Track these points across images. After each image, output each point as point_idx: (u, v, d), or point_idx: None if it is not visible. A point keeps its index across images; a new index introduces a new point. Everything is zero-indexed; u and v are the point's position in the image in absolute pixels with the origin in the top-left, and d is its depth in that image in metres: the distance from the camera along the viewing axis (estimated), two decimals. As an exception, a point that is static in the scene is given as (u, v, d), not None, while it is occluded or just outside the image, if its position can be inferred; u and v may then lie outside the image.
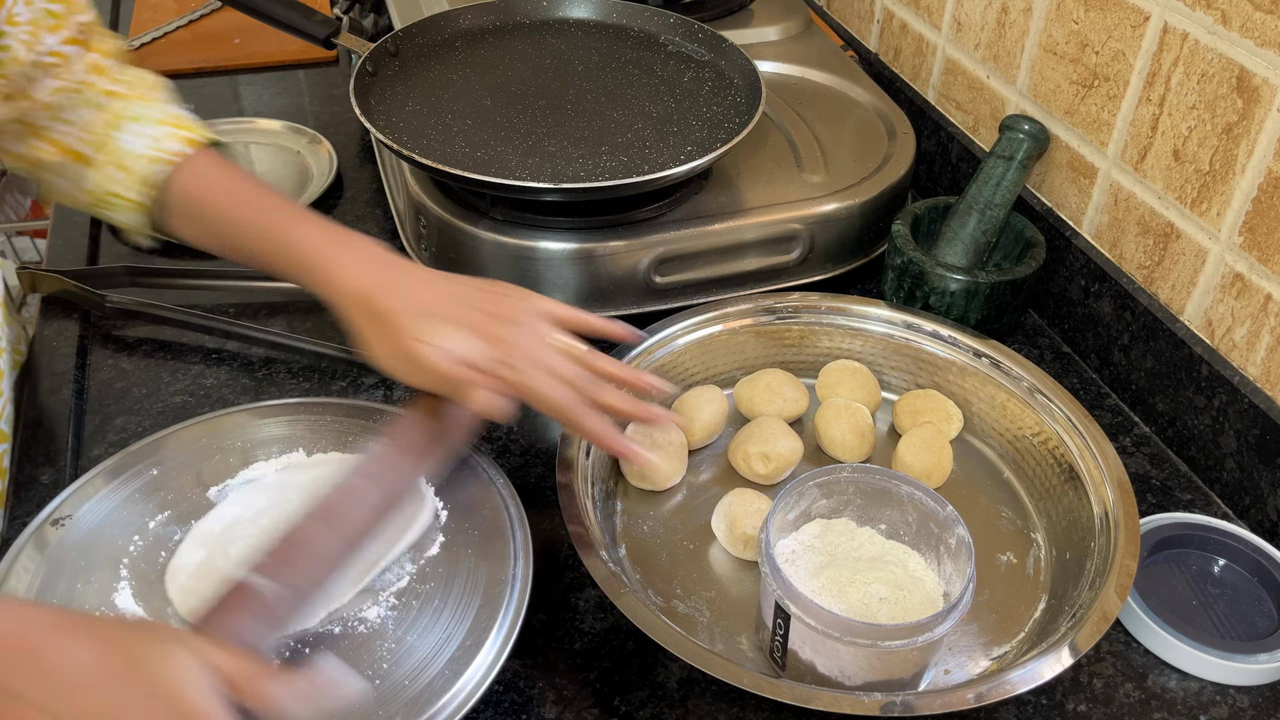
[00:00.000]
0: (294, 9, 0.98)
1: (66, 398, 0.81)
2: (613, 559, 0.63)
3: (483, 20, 1.00)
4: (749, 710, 0.62)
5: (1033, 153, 0.86)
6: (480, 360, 0.61)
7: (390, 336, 0.62)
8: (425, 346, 0.61)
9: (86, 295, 0.88)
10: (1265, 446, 0.71)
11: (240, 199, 0.69)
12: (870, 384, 0.80)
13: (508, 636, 0.59)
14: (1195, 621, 0.67)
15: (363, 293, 0.63)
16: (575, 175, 0.82)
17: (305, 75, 1.27)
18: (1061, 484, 0.72)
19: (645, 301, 0.87)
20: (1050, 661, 0.58)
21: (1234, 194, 0.72)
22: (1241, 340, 0.74)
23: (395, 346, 0.62)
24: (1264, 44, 0.68)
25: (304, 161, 1.10)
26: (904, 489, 0.64)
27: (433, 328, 0.61)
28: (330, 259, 0.64)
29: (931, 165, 1.05)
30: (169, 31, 1.33)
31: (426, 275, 0.65)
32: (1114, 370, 0.85)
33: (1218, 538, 0.71)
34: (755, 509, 0.70)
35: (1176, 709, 0.63)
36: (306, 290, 0.66)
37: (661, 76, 0.94)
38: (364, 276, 0.63)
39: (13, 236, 2.27)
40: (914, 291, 0.85)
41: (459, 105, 0.89)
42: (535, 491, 0.75)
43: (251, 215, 0.68)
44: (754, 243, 0.87)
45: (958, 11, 0.98)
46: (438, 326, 0.61)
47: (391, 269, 0.64)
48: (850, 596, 0.62)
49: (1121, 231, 0.83)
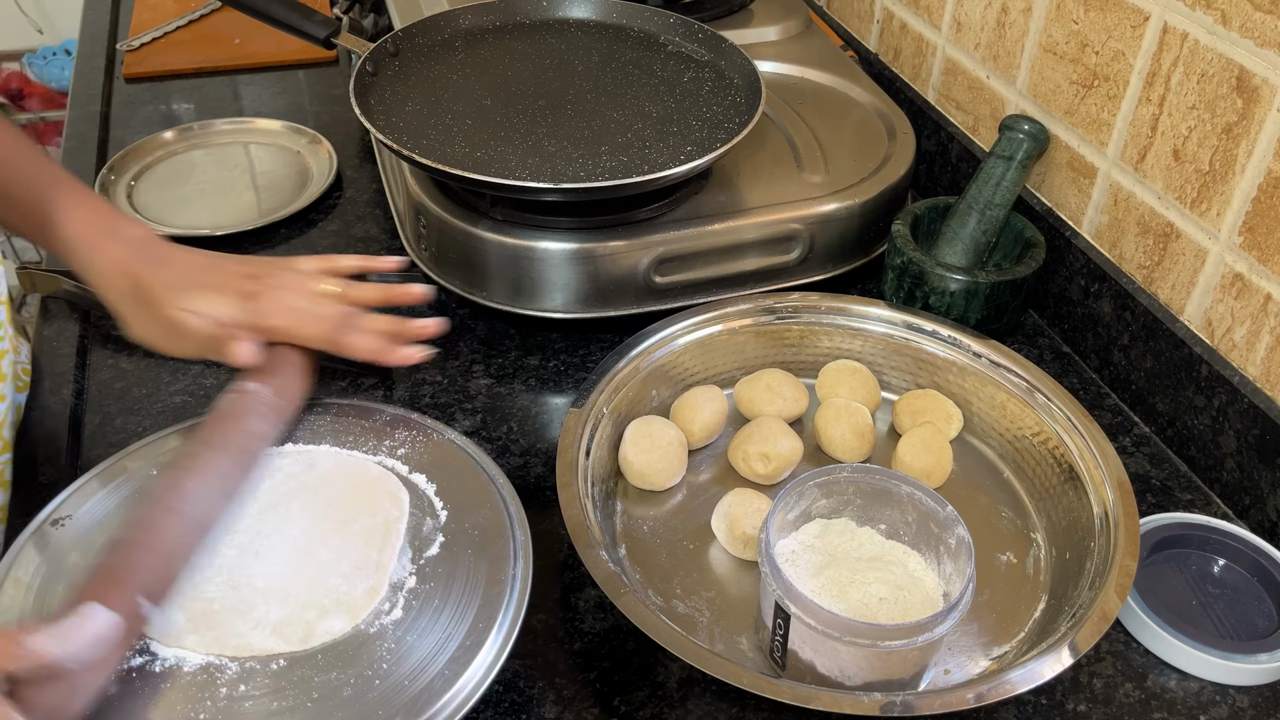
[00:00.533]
0: (294, 9, 0.98)
1: (66, 398, 0.81)
2: (613, 559, 0.63)
3: (483, 20, 1.00)
4: (749, 710, 0.62)
5: (1033, 153, 0.86)
6: (238, 316, 0.64)
7: (151, 311, 0.64)
8: (183, 314, 0.63)
9: (86, 295, 0.88)
10: (1265, 446, 0.71)
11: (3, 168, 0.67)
12: (870, 384, 0.80)
13: (508, 636, 0.59)
14: (1195, 621, 0.67)
15: (123, 275, 0.64)
16: (575, 175, 0.82)
17: (305, 75, 1.27)
18: (1061, 484, 0.72)
19: (645, 301, 0.87)
20: (1050, 661, 0.58)
21: (1234, 194, 0.72)
22: (1241, 340, 0.74)
23: (156, 319, 0.64)
24: (1264, 44, 0.68)
25: (304, 161, 1.10)
26: (904, 489, 0.64)
27: (190, 296, 0.64)
28: (92, 245, 0.65)
29: (931, 165, 1.05)
30: (169, 31, 1.33)
31: (186, 253, 0.67)
32: (1114, 370, 0.85)
33: (1218, 538, 0.71)
34: (755, 509, 0.70)
35: (1176, 709, 0.63)
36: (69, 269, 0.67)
37: (661, 76, 0.94)
38: (124, 261, 0.64)
39: (13, 236, 2.27)
40: (914, 291, 0.85)
41: (459, 105, 0.89)
42: (535, 491, 0.75)
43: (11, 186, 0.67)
44: (754, 243, 0.87)
45: (958, 11, 0.98)
46: (195, 294, 0.64)
47: (151, 251, 0.66)
48: (850, 596, 0.62)
49: (1121, 231, 0.83)
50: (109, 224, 0.66)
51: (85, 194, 0.67)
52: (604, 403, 0.74)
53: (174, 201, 1.04)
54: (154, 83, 1.25)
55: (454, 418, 0.80)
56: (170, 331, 0.64)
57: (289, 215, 1.01)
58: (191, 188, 1.06)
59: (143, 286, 0.64)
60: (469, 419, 0.80)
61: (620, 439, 0.75)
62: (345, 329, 0.67)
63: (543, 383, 0.84)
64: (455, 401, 0.82)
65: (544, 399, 0.82)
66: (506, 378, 0.84)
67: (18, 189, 0.66)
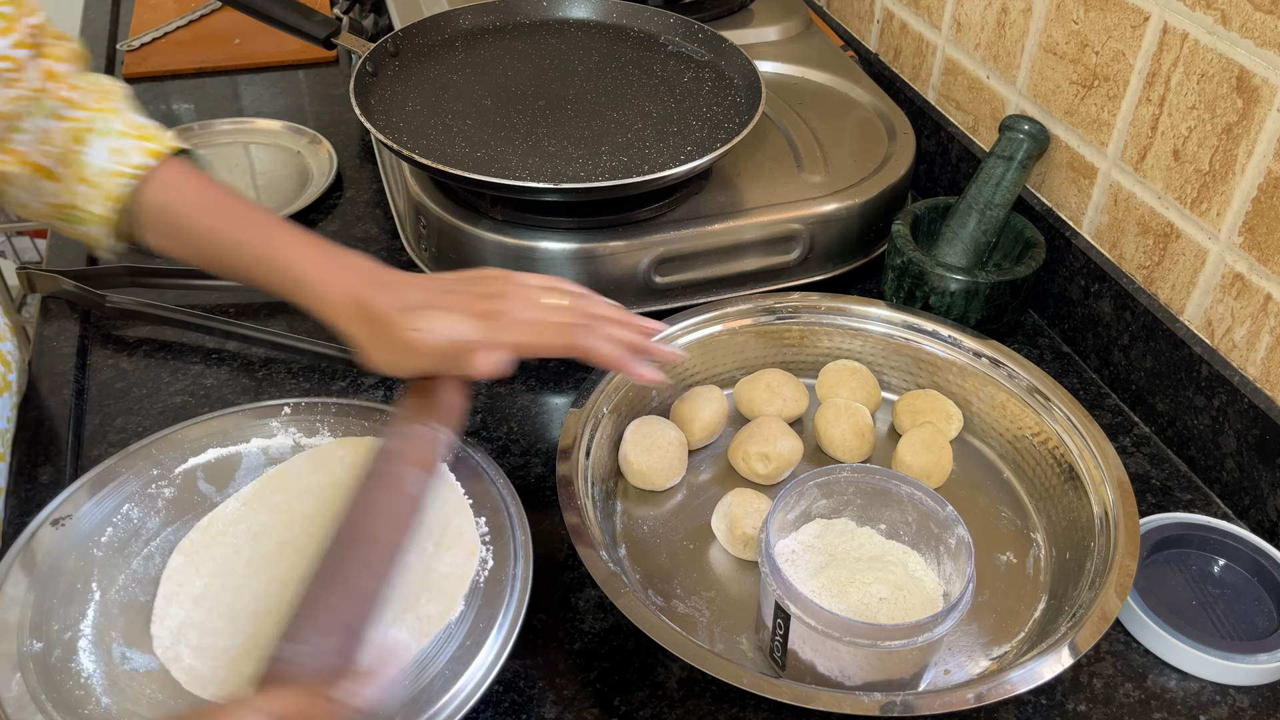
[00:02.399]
0: (294, 9, 0.98)
1: (66, 398, 0.81)
2: (613, 559, 0.63)
3: (483, 20, 1.00)
4: (749, 710, 0.62)
5: (1033, 153, 0.86)
6: (473, 333, 0.63)
7: (385, 336, 0.64)
8: (418, 333, 0.63)
9: (86, 295, 0.88)
10: (1265, 446, 0.71)
11: (218, 212, 0.69)
12: (870, 384, 0.80)
13: (508, 636, 0.59)
14: (1195, 621, 0.67)
15: (355, 303, 0.64)
16: (575, 175, 0.82)
17: (305, 75, 1.27)
18: (1061, 484, 0.72)
19: (645, 301, 0.87)
20: (1050, 661, 0.58)
21: (1234, 194, 0.72)
22: (1241, 340, 0.74)
23: (391, 343, 0.64)
24: (1264, 44, 0.68)
25: (304, 161, 1.10)
26: (904, 489, 0.64)
27: (423, 316, 0.63)
28: (322, 273, 0.66)
29: (931, 165, 1.05)
30: (169, 31, 1.33)
31: (412, 278, 0.67)
32: (1114, 370, 0.85)
33: (1218, 538, 0.71)
34: (755, 509, 0.70)
35: (1176, 709, 0.63)
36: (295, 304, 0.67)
37: (661, 76, 0.94)
38: (354, 289, 0.65)
39: (13, 236, 2.27)
40: (914, 291, 0.85)
41: (459, 105, 0.89)
42: (535, 491, 0.75)
43: (231, 229, 0.68)
44: (754, 243, 0.87)
45: (958, 11, 0.98)
46: (428, 314, 0.63)
47: (378, 277, 0.66)
48: (850, 596, 0.62)
49: (1121, 231, 0.83)
50: (335, 256, 0.67)
51: (303, 232, 0.68)
52: (604, 403, 0.74)
53: (174, 201, 1.04)
54: (154, 83, 1.25)
55: (454, 418, 0.80)
56: (403, 352, 0.64)
57: (289, 215, 1.00)
58: (191, 188, 1.06)
59: (374, 310, 0.64)
60: (469, 419, 0.80)
61: (620, 439, 0.75)
62: (585, 332, 0.65)
63: (543, 383, 0.84)
64: (455, 401, 0.82)
65: (544, 399, 0.82)
66: (506, 378, 0.84)
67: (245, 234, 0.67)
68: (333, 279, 0.65)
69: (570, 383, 0.84)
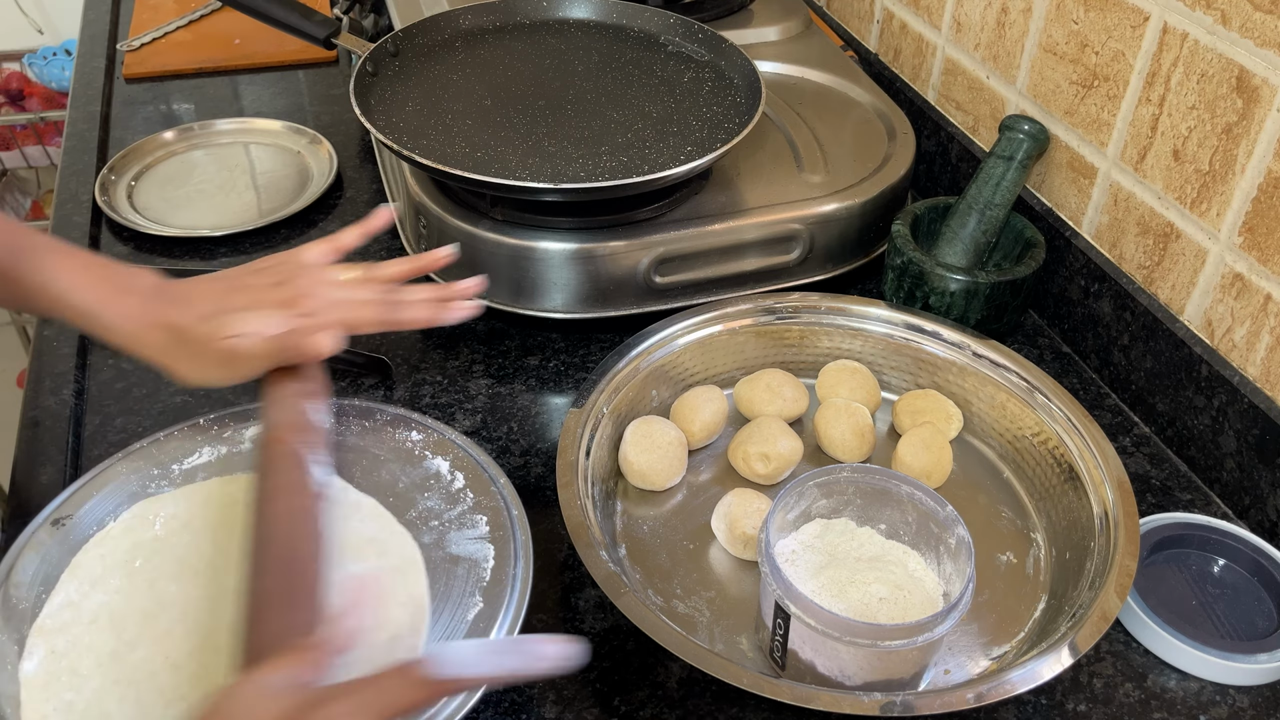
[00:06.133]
0: (294, 9, 0.98)
1: (66, 398, 0.81)
2: (613, 559, 0.63)
3: (483, 20, 1.00)
4: (749, 710, 0.62)
5: (1032, 153, 0.86)
6: (285, 323, 0.62)
7: (200, 353, 0.62)
8: (234, 340, 0.61)
9: (86, 295, 0.88)
10: (1265, 446, 0.71)
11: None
12: (870, 384, 0.80)
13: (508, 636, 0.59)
14: (1195, 621, 0.67)
15: (153, 327, 0.62)
16: (575, 175, 0.82)
17: (305, 75, 1.27)
18: (1061, 484, 0.72)
19: (645, 301, 0.87)
20: (1050, 661, 0.58)
21: (1234, 194, 0.72)
22: (1241, 340, 0.74)
23: (210, 358, 0.62)
24: (1264, 44, 0.68)
25: (304, 161, 1.10)
26: (904, 489, 0.64)
27: (231, 322, 0.61)
28: (102, 303, 0.62)
29: (931, 165, 1.05)
30: (169, 31, 1.33)
31: (195, 285, 0.64)
32: (1114, 370, 0.85)
33: (1217, 538, 0.71)
34: (755, 509, 0.70)
35: (1176, 709, 0.63)
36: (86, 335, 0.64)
37: (661, 76, 0.94)
38: (148, 315, 0.62)
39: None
40: (914, 291, 0.85)
41: (459, 105, 0.89)
42: (535, 491, 0.75)
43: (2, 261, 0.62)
44: (754, 243, 0.87)
45: (958, 11, 0.98)
46: (234, 318, 0.61)
47: (165, 293, 0.63)
48: (850, 596, 0.62)
49: (1121, 231, 0.83)
50: (116, 280, 0.63)
51: (77, 254, 0.63)
52: (604, 403, 0.74)
53: (174, 202, 1.04)
54: (154, 83, 1.25)
55: (454, 418, 0.80)
56: (225, 363, 0.62)
57: (289, 215, 1.01)
58: (192, 188, 1.06)
59: (181, 331, 0.61)
60: (469, 419, 0.80)
61: (620, 439, 0.75)
62: (395, 306, 0.66)
63: (543, 383, 0.84)
64: (455, 401, 0.82)
65: (544, 399, 0.82)
66: (507, 378, 0.84)
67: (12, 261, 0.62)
68: (116, 307, 0.62)
69: (570, 383, 0.84)
